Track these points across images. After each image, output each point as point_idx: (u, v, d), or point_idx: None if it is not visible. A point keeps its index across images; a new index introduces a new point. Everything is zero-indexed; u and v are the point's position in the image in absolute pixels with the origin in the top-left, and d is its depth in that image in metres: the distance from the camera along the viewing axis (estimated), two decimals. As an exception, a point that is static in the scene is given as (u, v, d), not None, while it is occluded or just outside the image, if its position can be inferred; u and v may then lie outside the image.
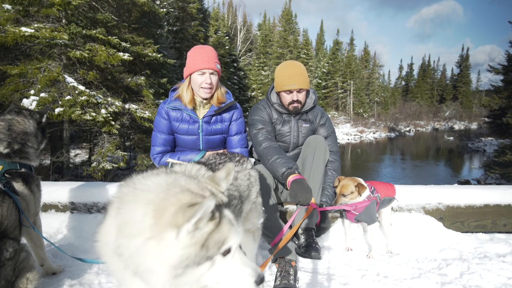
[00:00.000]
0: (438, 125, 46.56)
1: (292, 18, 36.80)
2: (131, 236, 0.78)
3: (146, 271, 0.77)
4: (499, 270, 2.08)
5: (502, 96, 13.12)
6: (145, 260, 0.77)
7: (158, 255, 0.76)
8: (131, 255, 0.78)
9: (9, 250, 1.51)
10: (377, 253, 2.39)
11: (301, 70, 2.39)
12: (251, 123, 2.46)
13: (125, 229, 0.79)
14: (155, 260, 0.76)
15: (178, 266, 0.76)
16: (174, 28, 17.56)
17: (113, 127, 7.89)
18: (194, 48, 2.26)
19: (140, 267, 0.78)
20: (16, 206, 1.66)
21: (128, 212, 0.81)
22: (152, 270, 0.76)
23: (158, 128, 2.30)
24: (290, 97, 2.39)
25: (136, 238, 0.77)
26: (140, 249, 0.76)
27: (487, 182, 11.83)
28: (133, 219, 0.79)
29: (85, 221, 2.66)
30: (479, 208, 2.75)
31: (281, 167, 2.10)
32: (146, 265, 0.77)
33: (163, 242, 0.75)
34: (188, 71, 2.20)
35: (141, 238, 0.76)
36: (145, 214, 0.78)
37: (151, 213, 0.77)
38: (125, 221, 0.80)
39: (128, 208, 0.81)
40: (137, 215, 0.79)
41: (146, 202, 0.80)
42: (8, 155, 1.77)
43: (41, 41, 7.17)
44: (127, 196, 0.84)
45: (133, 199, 0.82)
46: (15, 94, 7.27)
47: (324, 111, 2.66)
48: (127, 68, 9.17)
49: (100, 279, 1.99)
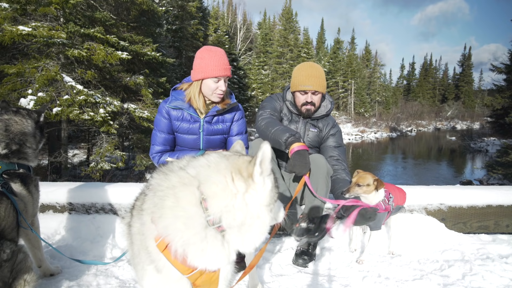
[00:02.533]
0: (440, 125, 46.37)
1: (292, 17, 36.67)
2: (229, 199, 0.90)
3: (252, 218, 0.92)
4: (501, 272, 2.06)
5: (505, 95, 13.05)
6: (248, 211, 0.91)
7: (255, 201, 0.92)
8: (236, 214, 0.91)
9: (6, 252, 1.50)
10: (378, 255, 2.36)
11: (320, 72, 2.35)
12: (261, 108, 2.43)
13: (221, 197, 0.90)
14: (255, 206, 0.92)
15: (270, 203, 0.96)
16: (173, 27, 17.46)
17: (111, 127, 7.84)
18: (207, 51, 2.18)
19: (248, 220, 0.92)
20: (14, 207, 1.65)
21: (214, 184, 0.91)
22: (257, 215, 0.93)
23: (158, 127, 2.29)
24: (304, 98, 2.34)
25: (235, 198, 0.91)
26: (241, 204, 0.91)
27: (489, 183, 11.79)
28: (223, 187, 0.91)
29: (83, 222, 2.64)
30: (482, 209, 2.72)
31: (284, 133, 2.01)
32: (251, 213, 0.92)
33: (253, 190, 0.91)
34: (201, 75, 2.14)
35: (239, 196, 0.91)
36: (229, 178, 0.91)
37: (232, 175, 0.92)
38: (217, 191, 0.91)
39: (213, 181, 0.91)
40: (224, 182, 0.91)
41: (222, 170, 0.93)
42: (6, 156, 1.74)
43: (39, 40, 7.13)
44: (202, 175, 0.93)
45: (209, 173, 0.93)
46: (13, 93, 7.23)
47: (337, 123, 2.57)
48: (125, 67, 9.12)
49: (98, 280, 1.98)
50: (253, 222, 0.93)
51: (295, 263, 2.26)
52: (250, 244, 0.96)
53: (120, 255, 2.14)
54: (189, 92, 2.21)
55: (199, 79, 2.16)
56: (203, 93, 2.20)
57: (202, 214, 0.90)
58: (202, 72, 2.14)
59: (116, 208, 2.78)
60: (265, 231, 0.97)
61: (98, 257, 2.34)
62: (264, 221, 0.94)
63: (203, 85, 2.17)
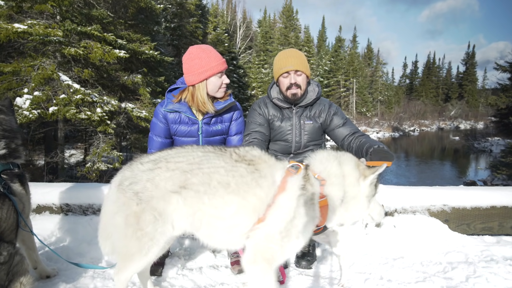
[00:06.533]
0: (443, 124, 46.07)
1: (293, 15, 36.54)
2: (353, 183, 1.52)
3: (352, 198, 1.53)
4: (506, 274, 2.05)
5: (509, 94, 12.89)
6: (356, 192, 1.53)
7: (360, 190, 1.54)
8: (349, 194, 1.53)
9: (3, 254, 1.49)
10: (380, 257, 2.34)
11: (298, 53, 2.31)
12: (245, 124, 2.43)
13: (348, 179, 1.52)
14: (359, 193, 1.54)
15: (369, 196, 1.55)
16: (171, 25, 17.33)
17: (108, 127, 7.75)
18: (200, 50, 2.12)
19: (353, 199, 1.53)
20: (14, 209, 1.65)
21: (345, 171, 1.53)
22: (357, 198, 1.54)
23: (154, 132, 2.25)
24: (288, 81, 2.26)
25: (354, 185, 1.53)
26: (356, 189, 1.53)
27: (493, 183, 11.76)
28: (350, 174, 1.52)
29: (80, 223, 2.63)
30: (486, 210, 2.69)
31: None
32: (355, 196, 1.54)
33: (360, 183, 1.53)
34: (206, 75, 2.08)
35: (355, 184, 1.53)
36: (351, 168, 1.53)
37: (354, 167, 1.55)
38: (345, 174, 1.53)
39: (344, 169, 1.53)
40: (351, 171, 1.54)
41: (348, 163, 1.55)
42: (3, 156, 1.72)
43: (35, 38, 7.04)
44: (339, 164, 1.54)
45: (338, 164, 1.53)
46: (8, 92, 7.15)
47: (332, 102, 2.51)
48: (123, 66, 9.04)
49: (95, 283, 1.96)
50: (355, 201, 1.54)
51: (298, 266, 2.23)
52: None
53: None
54: (198, 97, 2.10)
55: (203, 80, 2.09)
56: (209, 92, 2.14)
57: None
58: (205, 71, 2.08)
59: (114, 209, 2.74)
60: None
61: (95, 259, 2.32)
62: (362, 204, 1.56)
63: (208, 84, 2.11)
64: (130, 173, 1.47)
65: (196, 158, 1.43)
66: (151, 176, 1.42)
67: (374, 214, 1.61)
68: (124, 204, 1.41)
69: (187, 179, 1.39)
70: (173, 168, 1.41)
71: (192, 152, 1.46)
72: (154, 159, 1.48)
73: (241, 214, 1.36)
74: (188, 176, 1.39)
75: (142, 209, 1.38)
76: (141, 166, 1.46)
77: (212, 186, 1.37)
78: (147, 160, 1.48)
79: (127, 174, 1.47)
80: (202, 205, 1.37)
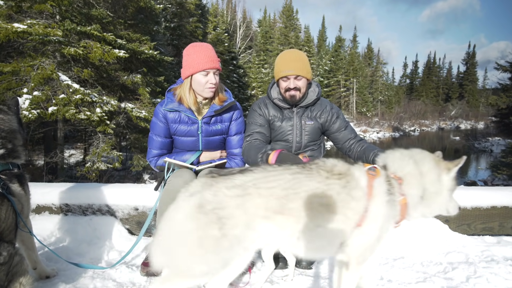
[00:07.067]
0: (443, 124, 46.03)
1: (293, 14, 36.53)
2: (434, 180, 1.54)
3: (434, 193, 1.54)
4: (506, 274, 2.04)
5: (510, 94, 12.88)
6: (438, 187, 1.55)
7: (443, 184, 1.56)
8: (430, 190, 1.53)
9: (3, 254, 1.49)
10: (380, 257, 2.34)
11: (301, 56, 2.28)
12: (246, 125, 2.44)
13: (428, 176, 1.53)
14: (441, 187, 1.56)
15: (451, 189, 1.58)
16: (171, 25, 17.28)
17: (108, 127, 7.73)
18: (192, 47, 2.18)
19: (435, 194, 1.55)
20: (13, 209, 1.65)
21: (423, 169, 1.53)
22: (439, 193, 1.55)
23: (154, 131, 2.25)
24: (286, 85, 2.25)
25: (435, 181, 1.54)
26: (438, 185, 1.55)
27: (494, 183, 11.71)
28: (429, 171, 1.53)
29: (80, 223, 2.62)
30: (486, 210, 2.68)
31: (256, 157, 2.04)
32: (438, 191, 1.55)
33: (443, 178, 1.55)
34: (190, 72, 2.12)
35: (436, 180, 1.54)
36: (430, 166, 1.54)
37: (434, 164, 1.56)
38: (424, 172, 1.52)
39: (422, 168, 1.53)
40: (430, 169, 1.54)
41: (429, 161, 1.56)
42: (2, 156, 1.72)
43: (34, 37, 7.03)
44: (415, 163, 1.54)
45: (414, 162, 1.54)
46: (8, 92, 7.14)
47: (332, 103, 2.52)
48: (123, 66, 9.02)
49: (95, 283, 1.96)
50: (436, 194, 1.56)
51: (298, 266, 2.22)
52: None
53: (120, 259, 2.09)
54: (179, 92, 2.17)
55: (188, 76, 2.13)
56: (195, 90, 2.16)
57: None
58: (190, 68, 2.11)
59: (113, 209, 2.74)
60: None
61: (95, 259, 2.31)
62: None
63: (193, 81, 2.14)
64: (213, 197, 1.36)
65: (287, 182, 1.40)
66: (240, 202, 1.35)
67: (450, 207, 1.63)
68: (203, 228, 1.33)
69: (283, 205, 1.36)
70: (266, 195, 1.36)
71: (281, 175, 1.42)
72: (240, 184, 1.38)
73: (340, 228, 1.41)
74: (283, 202, 1.36)
75: (222, 235, 1.31)
76: (226, 191, 1.36)
77: (314, 209, 1.37)
78: (232, 185, 1.38)
79: (209, 197, 1.36)
80: (303, 227, 1.38)
